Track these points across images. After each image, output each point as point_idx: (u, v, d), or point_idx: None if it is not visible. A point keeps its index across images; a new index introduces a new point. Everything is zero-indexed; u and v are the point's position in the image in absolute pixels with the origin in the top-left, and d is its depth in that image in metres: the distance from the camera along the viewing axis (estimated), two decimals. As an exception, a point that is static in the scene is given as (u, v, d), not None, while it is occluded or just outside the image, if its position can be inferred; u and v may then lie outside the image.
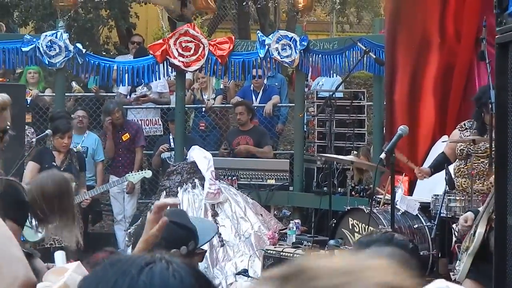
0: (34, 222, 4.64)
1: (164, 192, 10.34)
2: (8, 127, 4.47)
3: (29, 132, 10.98)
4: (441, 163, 8.75)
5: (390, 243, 2.82)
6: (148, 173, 11.17)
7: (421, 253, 8.11)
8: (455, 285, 1.38)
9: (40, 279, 3.16)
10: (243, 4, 17.71)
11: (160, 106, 13.52)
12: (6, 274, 2.59)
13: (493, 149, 6.31)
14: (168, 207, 3.41)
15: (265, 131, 12.59)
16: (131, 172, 11.06)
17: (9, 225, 3.66)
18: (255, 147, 12.05)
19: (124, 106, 12.70)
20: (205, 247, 9.82)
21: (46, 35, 11.90)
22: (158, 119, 12.99)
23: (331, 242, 8.81)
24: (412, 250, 2.91)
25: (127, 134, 11.99)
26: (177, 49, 11.89)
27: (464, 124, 8.81)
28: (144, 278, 1.77)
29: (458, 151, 8.62)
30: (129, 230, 10.45)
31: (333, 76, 12.34)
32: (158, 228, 3.50)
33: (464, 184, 8.45)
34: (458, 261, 7.44)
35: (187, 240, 4.10)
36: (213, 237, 5.85)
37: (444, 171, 8.69)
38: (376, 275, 0.93)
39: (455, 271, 7.83)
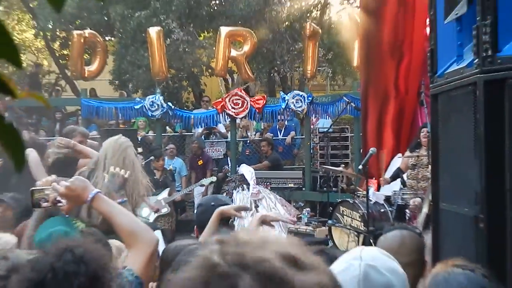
0: None
1: (225, 193, 10.31)
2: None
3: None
4: (397, 174, 8.82)
5: (405, 228, 2.92)
6: (214, 178, 10.99)
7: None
8: (370, 248, 1.37)
9: None
10: (271, 75, 17.91)
11: (222, 140, 13.47)
12: (145, 237, 2.53)
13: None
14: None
15: (277, 157, 12.41)
16: (204, 178, 11.10)
17: None
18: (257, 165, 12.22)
19: (205, 139, 12.87)
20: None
21: (149, 98, 11.99)
22: (220, 148, 12.98)
23: (329, 221, 8.82)
24: (416, 233, 2.94)
25: (201, 161, 11.98)
26: (230, 104, 11.99)
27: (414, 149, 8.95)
28: None
29: (410, 164, 8.66)
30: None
31: (328, 119, 12.30)
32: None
33: (412, 184, 8.48)
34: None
35: None
36: None
37: (400, 177, 8.85)
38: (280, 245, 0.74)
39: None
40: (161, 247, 3.11)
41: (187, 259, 2.04)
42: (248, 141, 13.51)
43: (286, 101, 11.90)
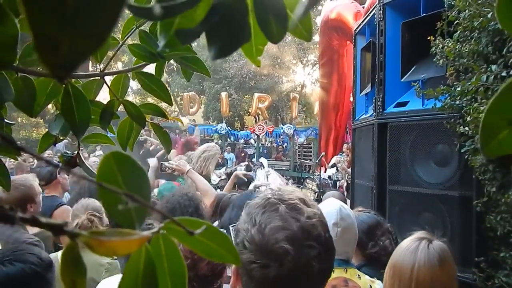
0: None
1: (252, 171, 9.52)
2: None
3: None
4: (333, 165, 8.69)
5: (336, 190, 2.80)
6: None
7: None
8: (342, 203, 1.28)
9: None
10: (276, 116, 17.80)
11: (252, 145, 13.20)
12: (209, 193, 2.36)
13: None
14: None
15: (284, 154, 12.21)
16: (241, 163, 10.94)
17: None
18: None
19: (244, 145, 12.60)
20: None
21: (219, 124, 12.01)
22: (251, 149, 12.57)
23: (301, 186, 8.77)
24: (341, 193, 2.90)
25: (243, 154, 11.73)
26: (257, 129, 11.92)
27: (341, 153, 8.80)
28: None
29: (340, 160, 8.55)
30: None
31: (303, 138, 12.17)
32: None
33: (340, 170, 8.39)
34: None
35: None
36: None
37: (335, 166, 8.71)
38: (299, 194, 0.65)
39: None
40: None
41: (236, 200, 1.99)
42: (265, 147, 13.28)
43: (283, 129, 11.81)
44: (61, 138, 0.51)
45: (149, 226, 0.23)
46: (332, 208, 1.21)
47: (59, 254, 1.65)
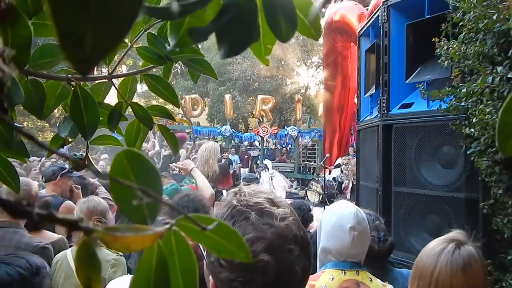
0: None
1: (256, 173, 9.75)
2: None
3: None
4: (338, 166, 8.68)
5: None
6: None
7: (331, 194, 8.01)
8: (357, 207, 1.26)
9: None
10: (280, 118, 17.79)
11: (256, 147, 13.17)
12: (207, 190, 2.40)
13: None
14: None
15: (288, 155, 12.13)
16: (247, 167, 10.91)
17: None
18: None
19: (248, 147, 12.51)
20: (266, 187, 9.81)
21: (223, 127, 12.03)
22: (255, 151, 12.54)
23: (306, 188, 8.72)
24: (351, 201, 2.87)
25: (246, 156, 11.68)
26: (261, 131, 11.90)
27: (346, 155, 8.78)
28: None
29: (344, 162, 8.52)
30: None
31: (307, 139, 12.13)
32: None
33: (345, 172, 8.37)
34: (346, 198, 7.36)
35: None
36: None
37: (340, 168, 8.69)
38: (264, 194, 0.63)
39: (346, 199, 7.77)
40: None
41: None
42: (268, 148, 13.21)
43: (287, 131, 11.76)
44: (70, 140, 0.51)
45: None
46: (348, 211, 1.18)
47: (68, 252, 1.66)
